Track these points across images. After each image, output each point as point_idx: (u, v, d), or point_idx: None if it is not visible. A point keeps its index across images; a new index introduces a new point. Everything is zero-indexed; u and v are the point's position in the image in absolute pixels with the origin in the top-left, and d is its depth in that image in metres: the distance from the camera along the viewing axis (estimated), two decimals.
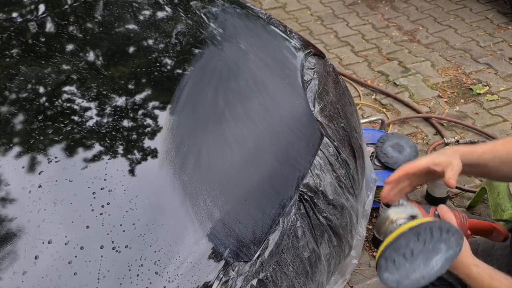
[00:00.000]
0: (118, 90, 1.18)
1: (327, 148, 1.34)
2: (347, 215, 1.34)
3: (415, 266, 1.04)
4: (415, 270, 1.04)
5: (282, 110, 1.33)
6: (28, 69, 1.18)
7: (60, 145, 1.04)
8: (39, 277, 0.87)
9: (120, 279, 0.90)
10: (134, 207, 0.98)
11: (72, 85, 1.16)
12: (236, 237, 1.04)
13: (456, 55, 3.47)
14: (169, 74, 1.28)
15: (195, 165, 1.10)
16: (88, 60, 1.24)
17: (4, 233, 0.90)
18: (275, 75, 1.41)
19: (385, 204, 1.26)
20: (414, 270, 1.04)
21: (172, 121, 1.15)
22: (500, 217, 1.96)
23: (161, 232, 0.97)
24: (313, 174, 1.25)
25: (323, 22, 3.95)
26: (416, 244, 1.02)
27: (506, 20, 3.84)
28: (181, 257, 0.96)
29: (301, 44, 1.58)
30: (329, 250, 1.26)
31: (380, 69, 3.37)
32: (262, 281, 1.04)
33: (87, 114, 1.11)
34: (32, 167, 0.99)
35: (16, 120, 1.07)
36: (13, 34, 1.27)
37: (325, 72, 1.55)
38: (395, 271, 1.06)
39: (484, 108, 2.98)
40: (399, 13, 4.02)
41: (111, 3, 1.46)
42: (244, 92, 1.31)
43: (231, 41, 1.44)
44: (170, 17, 1.47)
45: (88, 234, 0.93)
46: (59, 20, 1.35)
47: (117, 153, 1.06)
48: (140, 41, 1.34)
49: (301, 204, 1.20)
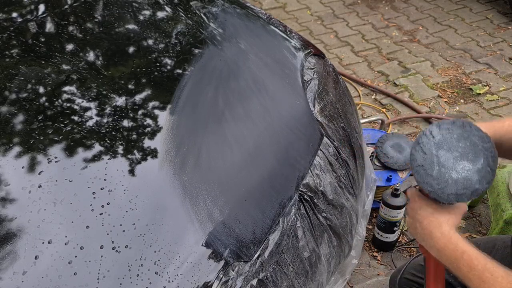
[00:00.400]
0: (118, 90, 1.18)
1: (327, 148, 1.34)
2: (347, 215, 1.34)
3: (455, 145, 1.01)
4: (448, 149, 1.01)
5: (282, 110, 1.33)
6: (28, 69, 1.18)
7: (60, 145, 1.04)
8: (39, 277, 0.87)
9: (120, 279, 0.90)
10: (134, 207, 0.98)
11: (72, 85, 1.16)
12: (236, 237, 1.04)
13: (456, 55, 3.47)
14: (169, 74, 1.28)
15: (195, 165, 1.10)
16: (88, 60, 1.24)
17: (4, 233, 0.90)
18: (275, 75, 1.41)
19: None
20: (448, 149, 1.01)
21: (172, 121, 1.15)
22: (500, 217, 1.96)
23: (161, 232, 0.97)
24: (313, 174, 1.25)
25: (323, 22, 3.95)
26: (478, 132, 1.01)
27: (506, 20, 3.84)
28: (181, 257, 0.96)
29: (301, 44, 1.58)
30: (329, 250, 1.26)
31: (380, 69, 3.37)
32: (262, 281, 1.04)
33: (87, 114, 1.11)
34: (32, 167, 0.99)
35: (16, 120, 1.07)
36: (13, 34, 1.27)
37: (325, 72, 1.55)
38: (445, 131, 1.02)
39: (484, 108, 2.98)
40: (399, 13, 4.02)
41: (111, 3, 1.46)
42: (244, 92, 1.31)
43: (231, 41, 1.44)
44: (170, 17, 1.47)
45: (88, 234, 0.93)
46: (59, 20, 1.35)
47: (117, 153, 1.06)
48: (140, 41, 1.34)
49: (301, 204, 1.20)
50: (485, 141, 1.00)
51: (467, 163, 1.00)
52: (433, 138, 1.01)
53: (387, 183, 2.20)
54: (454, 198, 0.99)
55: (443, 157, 1.00)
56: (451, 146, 1.00)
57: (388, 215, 2.04)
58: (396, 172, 2.24)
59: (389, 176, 2.21)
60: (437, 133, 1.01)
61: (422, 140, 1.01)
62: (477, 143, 1.00)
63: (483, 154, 1.00)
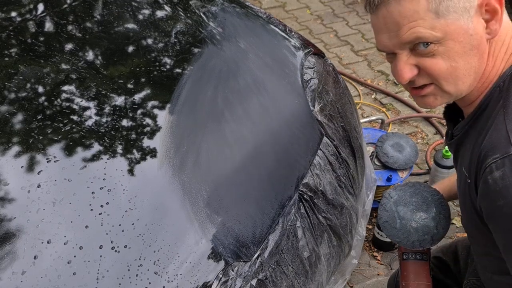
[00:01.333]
0: (117, 90, 1.18)
1: (327, 148, 1.34)
2: (347, 215, 1.34)
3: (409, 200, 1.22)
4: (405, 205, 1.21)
5: (281, 110, 1.33)
6: (27, 69, 1.18)
7: (59, 145, 1.03)
8: (38, 277, 0.87)
9: (119, 279, 0.89)
10: (133, 207, 0.98)
11: (71, 85, 1.16)
12: (236, 237, 1.04)
13: None
14: (169, 74, 1.28)
15: (194, 165, 1.10)
16: (87, 59, 1.24)
17: (3, 233, 0.90)
18: (275, 74, 1.41)
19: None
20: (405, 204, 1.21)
21: (171, 121, 1.15)
22: None
23: (161, 232, 0.97)
24: (313, 174, 1.25)
25: (323, 21, 3.95)
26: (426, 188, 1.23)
27: None
28: (180, 257, 0.96)
29: (300, 43, 1.58)
30: (329, 250, 1.26)
31: (380, 68, 3.37)
32: (261, 281, 1.04)
33: (86, 113, 1.11)
34: (31, 166, 0.99)
35: (15, 119, 1.06)
36: (12, 34, 1.27)
37: (325, 72, 1.55)
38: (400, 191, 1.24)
39: None
40: None
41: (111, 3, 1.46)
42: (243, 92, 1.31)
43: (230, 40, 1.44)
44: (169, 16, 1.47)
45: (87, 234, 0.93)
46: (58, 19, 1.35)
47: (116, 152, 1.05)
48: (139, 41, 1.34)
49: (301, 204, 1.19)
50: (434, 194, 1.21)
51: (423, 213, 1.19)
52: (391, 198, 1.23)
53: (387, 183, 2.20)
54: (418, 244, 1.18)
55: (402, 211, 1.20)
56: (406, 201, 1.21)
57: None
58: (396, 172, 2.24)
59: (389, 176, 2.20)
60: (394, 194, 1.23)
61: (383, 201, 1.24)
62: (427, 196, 1.21)
63: (434, 204, 1.20)
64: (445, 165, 2.21)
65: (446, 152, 2.21)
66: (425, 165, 2.55)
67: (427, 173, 2.48)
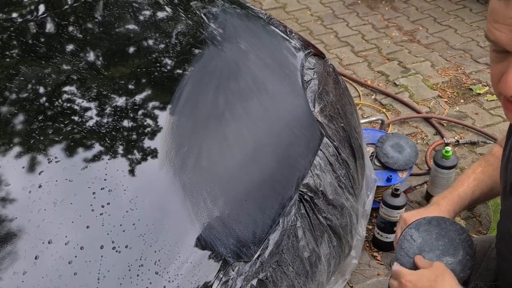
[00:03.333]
0: (118, 90, 1.18)
1: (327, 148, 1.34)
2: (347, 215, 1.34)
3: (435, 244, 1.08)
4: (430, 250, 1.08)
5: (282, 110, 1.33)
6: (28, 69, 1.18)
7: (60, 145, 1.04)
8: (39, 277, 0.87)
9: (120, 279, 0.90)
10: (134, 207, 0.98)
11: (72, 85, 1.16)
12: (236, 237, 1.04)
13: (456, 55, 3.47)
14: (169, 74, 1.28)
15: (195, 165, 1.10)
16: (88, 60, 1.25)
17: (4, 233, 0.90)
18: (275, 75, 1.41)
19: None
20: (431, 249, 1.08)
21: (172, 121, 1.15)
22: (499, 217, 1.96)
23: (161, 232, 0.97)
24: (313, 174, 1.25)
25: (323, 22, 3.95)
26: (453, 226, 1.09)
27: None
28: (181, 257, 0.96)
29: (301, 44, 1.58)
30: (329, 250, 1.26)
31: (380, 69, 3.37)
32: (262, 281, 1.04)
33: (87, 114, 1.11)
34: (32, 167, 0.99)
35: (16, 120, 1.07)
36: (14, 35, 1.27)
37: (325, 72, 1.55)
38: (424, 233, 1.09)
39: (484, 108, 2.98)
40: (399, 13, 4.01)
41: (111, 3, 1.46)
42: (244, 92, 1.31)
43: (231, 41, 1.44)
44: (170, 17, 1.47)
45: (88, 234, 0.93)
46: (59, 20, 1.35)
47: (117, 153, 1.06)
48: (140, 41, 1.34)
49: (301, 204, 1.20)
50: (461, 233, 1.09)
51: (449, 258, 1.07)
52: (414, 242, 1.08)
53: (387, 183, 2.20)
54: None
55: (427, 257, 1.07)
56: (432, 246, 1.08)
57: (388, 215, 2.04)
58: (396, 172, 2.24)
59: (389, 176, 2.21)
60: (417, 237, 1.09)
61: (404, 245, 1.09)
62: (454, 237, 1.08)
63: (461, 246, 1.08)
64: (445, 165, 2.22)
65: (446, 152, 2.21)
66: (425, 165, 2.56)
67: (427, 174, 2.48)
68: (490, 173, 1.20)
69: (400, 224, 1.16)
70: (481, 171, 1.21)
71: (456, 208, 1.17)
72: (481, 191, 1.20)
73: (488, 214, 2.29)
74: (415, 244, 1.08)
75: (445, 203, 1.16)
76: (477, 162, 1.26)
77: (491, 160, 1.22)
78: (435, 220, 1.09)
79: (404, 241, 1.09)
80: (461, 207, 1.18)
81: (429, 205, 1.18)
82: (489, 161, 1.23)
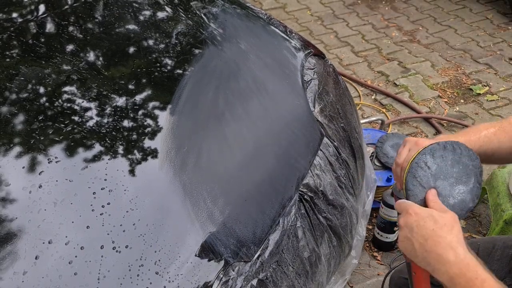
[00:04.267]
0: (118, 90, 1.18)
1: (327, 148, 1.34)
2: (347, 215, 1.34)
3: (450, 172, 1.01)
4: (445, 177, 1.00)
5: (282, 110, 1.33)
6: (29, 69, 1.18)
7: (60, 145, 1.04)
8: (39, 277, 0.87)
9: (120, 279, 0.90)
10: (134, 207, 0.98)
11: (72, 85, 1.16)
12: (237, 237, 1.04)
13: (456, 55, 3.47)
14: (169, 75, 1.28)
15: (195, 165, 1.10)
16: (88, 60, 1.25)
17: (5, 233, 0.90)
18: (275, 75, 1.41)
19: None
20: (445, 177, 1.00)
21: (172, 122, 1.15)
22: (500, 217, 1.96)
23: (161, 232, 0.97)
24: (313, 174, 1.25)
25: (323, 23, 3.95)
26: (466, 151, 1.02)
27: (506, 20, 3.84)
28: (181, 257, 0.96)
29: (301, 44, 1.58)
30: (329, 250, 1.26)
31: (380, 69, 3.37)
32: (262, 281, 1.04)
33: (87, 114, 1.11)
34: (33, 167, 0.99)
35: (16, 120, 1.07)
36: (14, 35, 1.27)
37: (325, 72, 1.55)
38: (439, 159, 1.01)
39: (484, 108, 2.98)
40: (399, 13, 4.02)
41: (111, 3, 1.46)
42: (244, 93, 1.31)
43: (231, 41, 1.45)
44: (170, 17, 1.47)
45: (89, 234, 0.93)
46: (59, 20, 1.36)
47: (117, 153, 1.06)
48: (140, 41, 1.34)
49: (301, 204, 1.20)
50: (473, 159, 1.02)
51: (462, 186, 1.01)
52: (429, 169, 1.00)
53: (387, 183, 2.20)
54: None
55: (441, 187, 1.00)
56: (447, 174, 1.00)
57: (388, 215, 2.04)
58: None
59: (389, 176, 2.21)
60: (432, 163, 1.00)
61: (418, 173, 1.00)
62: (468, 163, 1.01)
63: (473, 173, 1.01)
64: None
65: None
66: None
67: None
68: (500, 138, 1.14)
69: (408, 146, 1.08)
70: (493, 132, 1.14)
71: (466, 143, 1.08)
72: (486, 150, 1.13)
73: (488, 214, 2.29)
74: (429, 172, 1.00)
75: (453, 137, 1.10)
76: (492, 122, 1.19)
77: (507, 128, 1.15)
78: (450, 144, 1.01)
79: (417, 169, 0.99)
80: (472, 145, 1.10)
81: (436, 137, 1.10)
82: (504, 127, 1.16)
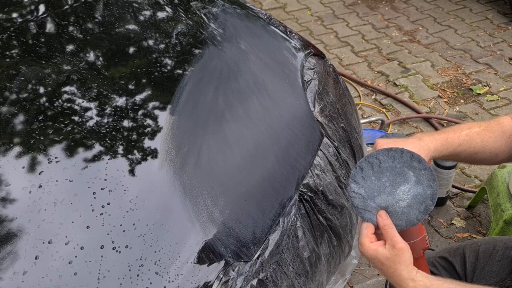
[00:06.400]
0: (118, 90, 1.18)
1: (327, 148, 1.34)
2: (347, 215, 1.34)
3: (380, 185, 1.00)
4: (380, 192, 0.99)
5: (282, 110, 1.33)
6: (29, 69, 1.18)
7: (60, 145, 1.04)
8: (39, 277, 0.87)
9: (120, 279, 0.90)
10: (135, 207, 0.98)
11: (72, 85, 1.16)
12: (237, 237, 1.04)
13: (456, 55, 3.47)
14: (169, 75, 1.28)
15: (195, 165, 1.10)
16: (88, 60, 1.25)
17: (5, 233, 0.90)
18: (275, 75, 1.41)
19: None
20: (379, 191, 0.99)
21: (172, 122, 1.15)
22: (500, 217, 1.96)
23: (161, 232, 0.97)
24: (313, 174, 1.25)
25: (323, 23, 3.95)
26: (385, 157, 0.99)
27: (506, 20, 3.84)
28: (181, 257, 0.96)
29: (301, 44, 1.58)
30: (329, 250, 1.26)
31: (380, 69, 3.37)
32: (262, 281, 1.04)
33: (87, 114, 1.11)
34: (33, 167, 0.99)
35: (16, 120, 1.07)
36: (14, 35, 1.27)
37: (325, 73, 1.55)
38: (362, 182, 1.00)
39: (484, 108, 2.98)
40: (399, 14, 4.02)
41: (111, 3, 1.46)
42: (244, 93, 1.32)
43: (231, 41, 1.45)
44: (170, 17, 1.47)
45: (89, 234, 0.93)
46: (59, 20, 1.36)
47: (117, 153, 1.06)
48: (140, 42, 1.34)
49: (301, 204, 1.20)
50: (396, 157, 0.99)
51: (403, 186, 0.99)
52: (361, 195, 1.00)
53: None
54: (424, 214, 0.98)
55: (383, 202, 0.99)
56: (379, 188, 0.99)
57: None
58: None
59: None
60: (358, 188, 1.00)
61: (356, 202, 1.00)
62: (392, 165, 0.99)
63: (405, 167, 0.99)
64: (445, 165, 2.22)
65: None
66: None
67: None
68: (485, 138, 1.12)
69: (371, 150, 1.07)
70: (477, 132, 1.13)
71: (438, 148, 1.08)
72: (466, 149, 1.11)
73: (488, 214, 2.29)
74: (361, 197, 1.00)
75: (428, 140, 1.08)
76: (478, 122, 1.17)
77: (494, 128, 1.14)
78: (365, 162, 1.00)
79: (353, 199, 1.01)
80: (442, 152, 1.10)
81: (410, 137, 1.09)
82: (490, 127, 1.14)
